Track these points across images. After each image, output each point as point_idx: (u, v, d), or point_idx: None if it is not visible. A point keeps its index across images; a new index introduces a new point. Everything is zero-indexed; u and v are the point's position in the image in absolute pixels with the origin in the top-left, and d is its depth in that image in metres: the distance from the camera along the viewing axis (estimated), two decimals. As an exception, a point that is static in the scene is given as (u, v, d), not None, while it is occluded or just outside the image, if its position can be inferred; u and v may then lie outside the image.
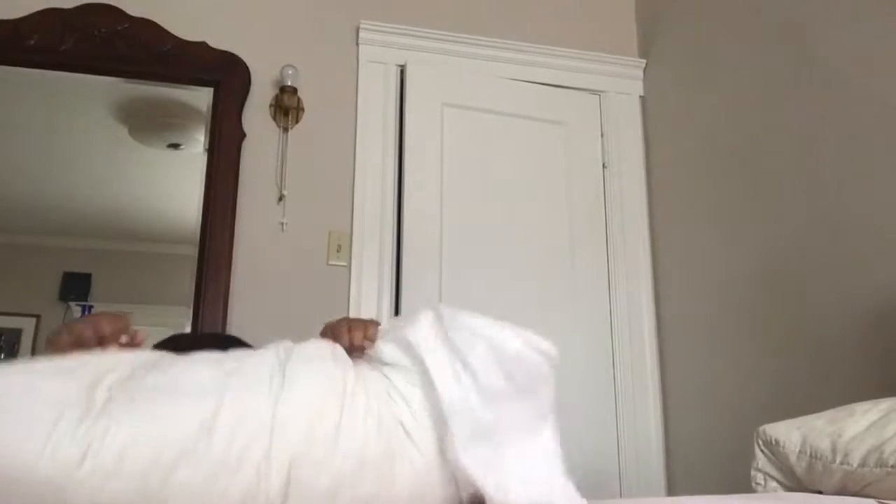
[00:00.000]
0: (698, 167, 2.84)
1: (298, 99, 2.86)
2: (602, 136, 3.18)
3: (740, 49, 2.66)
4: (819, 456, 1.31)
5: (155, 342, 1.81)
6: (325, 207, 2.82)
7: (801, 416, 1.46)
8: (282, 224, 2.77)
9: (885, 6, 2.06)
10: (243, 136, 2.79)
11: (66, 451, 0.74)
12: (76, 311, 2.49)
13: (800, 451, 1.35)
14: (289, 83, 2.79)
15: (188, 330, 2.57)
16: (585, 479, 2.99)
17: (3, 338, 2.46)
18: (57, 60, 2.69)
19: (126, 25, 2.77)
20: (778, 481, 1.42)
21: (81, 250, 2.61)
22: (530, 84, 3.14)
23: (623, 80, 3.25)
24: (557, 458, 0.97)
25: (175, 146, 2.79)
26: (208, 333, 2.39)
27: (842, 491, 1.27)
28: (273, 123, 2.86)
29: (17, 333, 2.48)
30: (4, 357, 2.44)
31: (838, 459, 1.27)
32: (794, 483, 1.39)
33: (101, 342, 1.10)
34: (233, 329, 2.62)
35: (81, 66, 2.72)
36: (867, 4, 2.13)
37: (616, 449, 2.85)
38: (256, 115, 2.85)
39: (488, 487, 0.85)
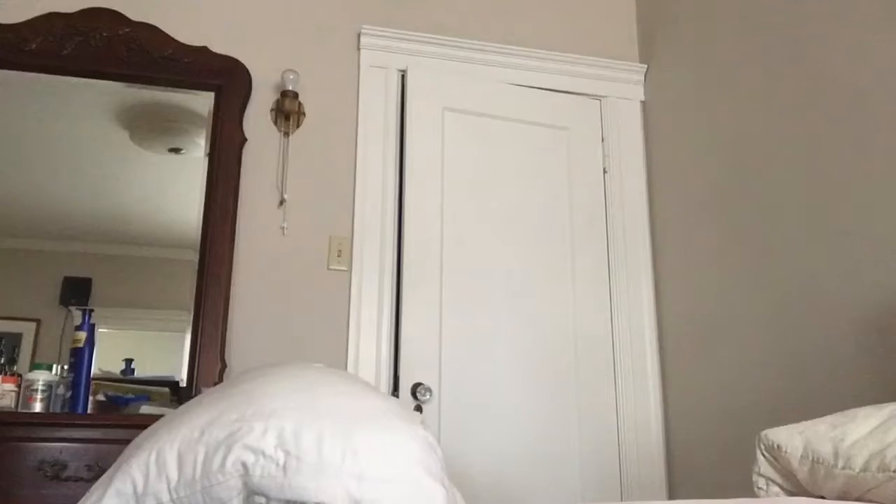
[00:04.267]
0: (699, 172, 2.84)
1: (299, 103, 2.86)
2: (603, 140, 3.18)
3: (741, 54, 2.66)
4: (821, 460, 1.30)
5: None
6: (325, 212, 2.82)
7: (803, 420, 1.45)
8: (282, 228, 2.77)
9: (886, 8, 2.06)
10: (244, 140, 2.80)
11: None
12: (77, 315, 2.49)
13: (802, 456, 1.35)
14: (290, 88, 2.80)
15: (188, 335, 2.57)
16: (587, 482, 2.98)
17: (3, 342, 2.46)
18: (58, 65, 2.70)
19: (127, 30, 2.78)
20: (780, 486, 1.42)
21: (82, 254, 2.61)
22: (531, 89, 3.14)
23: (624, 85, 3.26)
24: None
25: (176, 150, 2.79)
26: None
27: (844, 496, 1.26)
28: (274, 128, 2.87)
29: (17, 338, 2.48)
30: (4, 362, 2.44)
31: (840, 464, 1.27)
32: (796, 488, 1.39)
33: None
34: (233, 333, 2.62)
35: (83, 71, 2.72)
36: (868, 7, 2.13)
37: (617, 452, 2.85)
38: (257, 119, 2.85)
39: None
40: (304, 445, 1.01)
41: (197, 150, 2.79)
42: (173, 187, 2.74)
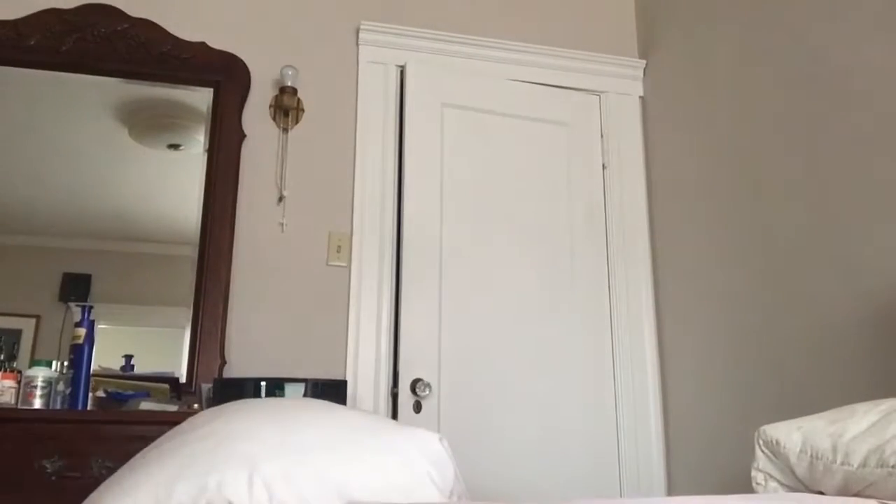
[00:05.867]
0: (698, 167, 2.84)
1: (298, 100, 2.86)
2: (602, 136, 3.18)
3: (740, 49, 2.66)
4: (820, 456, 1.31)
5: None
6: (324, 208, 2.82)
7: (802, 416, 1.46)
8: (282, 225, 2.77)
9: (886, 6, 2.06)
10: (243, 136, 2.80)
11: None
12: (76, 311, 2.49)
13: (800, 452, 1.35)
14: (289, 84, 2.79)
15: (188, 331, 2.57)
16: (586, 478, 3.00)
17: (2, 339, 2.46)
18: (57, 61, 2.69)
19: (126, 26, 2.77)
20: (778, 481, 1.42)
21: (81, 251, 2.61)
22: (530, 84, 3.14)
23: (623, 81, 3.25)
24: None
25: (175, 147, 2.79)
26: None
27: (843, 491, 1.27)
28: (273, 124, 2.86)
29: (16, 334, 2.48)
30: (4, 358, 2.44)
31: (839, 460, 1.27)
32: (795, 483, 1.39)
33: None
34: (233, 329, 2.62)
35: (81, 67, 2.72)
36: (867, 5, 2.13)
37: (616, 449, 2.85)
38: (256, 115, 2.85)
39: None
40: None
41: (196, 147, 2.79)
42: (172, 183, 2.74)
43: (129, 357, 2.54)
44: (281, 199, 2.79)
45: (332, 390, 2.37)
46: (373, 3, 3.08)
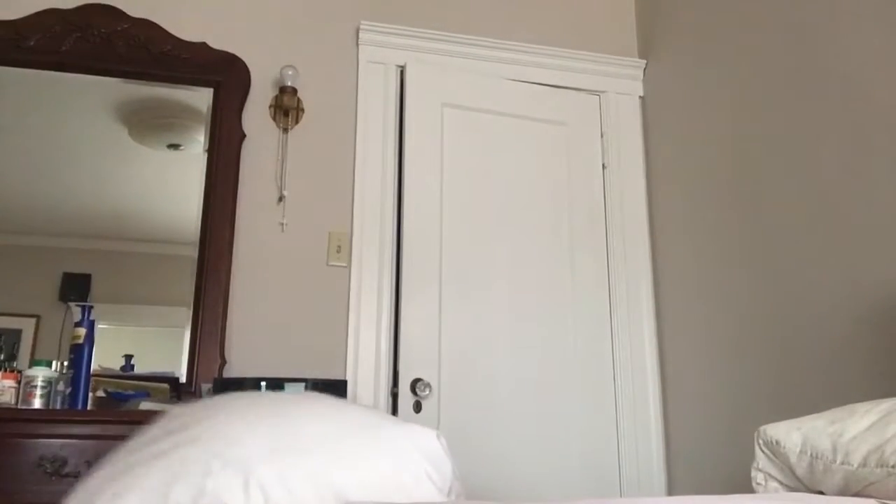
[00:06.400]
0: (698, 167, 2.84)
1: (298, 99, 2.86)
2: (602, 136, 3.18)
3: (739, 49, 2.66)
4: (820, 456, 1.31)
5: None
6: (325, 208, 2.82)
7: (802, 416, 1.46)
8: (282, 224, 2.77)
9: (886, 7, 2.06)
10: (243, 136, 2.80)
11: None
12: (76, 311, 2.49)
13: (800, 452, 1.35)
14: (289, 84, 2.79)
15: (188, 331, 2.57)
16: (586, 478, 3.00)
17: (2, 338, 2.46)
18: (57, 61, 2.69)
19: (126, 26, 2.77)
20: (778, 481, 1.42)
21: (81, 251, 2.61)
22: (530, 84, 3.14)
23: (623, 81, 3.25)
24: None
25: (175, 146, 2.79)
26: None
27: (843, 491, 1.27)
28: (273, 124, 2.86)
29: (16, 334, 2.48)
30: (4, 358, 2.44)
31: (839, 459, 1.27)
32: (795, 483, 1.39)
33: None
34: (233, 329, 2.62)
35: (81, 67, 2.72)
36: (868, 5, 2.13)
37: (616, 449, 2.85)
38: (256, 115, 2.85)
39: None
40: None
41: (196, 147, 2.79)
42: (172, 183, 2.74)
43: (129, 357, 2.54)
44: (281, 198, 2.79)
45: (332, 390, 2.36)
46: (373, 3, 3.08)
